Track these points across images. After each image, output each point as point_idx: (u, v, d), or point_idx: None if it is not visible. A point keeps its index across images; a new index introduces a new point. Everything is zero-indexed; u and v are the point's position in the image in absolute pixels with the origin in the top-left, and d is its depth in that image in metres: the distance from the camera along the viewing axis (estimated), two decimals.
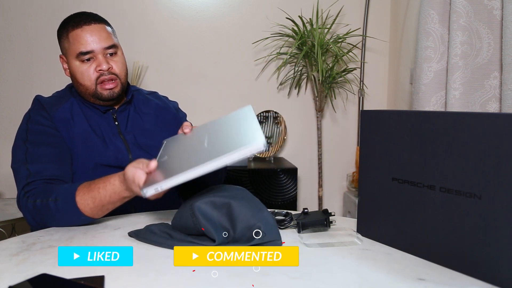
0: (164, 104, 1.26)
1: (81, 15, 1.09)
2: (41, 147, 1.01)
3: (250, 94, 2.23)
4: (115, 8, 2.09)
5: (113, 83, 1.09)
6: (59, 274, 0.65)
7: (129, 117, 1.17)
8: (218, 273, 0.68)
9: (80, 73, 1.07)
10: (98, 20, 1.10)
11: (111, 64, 1.09)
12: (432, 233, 0.72)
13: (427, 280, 0.65)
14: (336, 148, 2.32)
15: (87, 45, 1.05)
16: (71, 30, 1.07)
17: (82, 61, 1.06)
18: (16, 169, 0.99)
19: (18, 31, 2.10)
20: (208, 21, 2.17)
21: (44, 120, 1.06)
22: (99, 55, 1.07)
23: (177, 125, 1.24)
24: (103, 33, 1.08)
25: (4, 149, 2.10)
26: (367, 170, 0.84)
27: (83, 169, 1.05)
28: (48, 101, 1.10)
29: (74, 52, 1.06)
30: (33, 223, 0.95)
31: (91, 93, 1.09)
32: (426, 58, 1.60)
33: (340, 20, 2.19)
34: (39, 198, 0.92)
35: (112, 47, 1.09)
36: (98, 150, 1.07)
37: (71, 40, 1.06)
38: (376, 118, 0.82)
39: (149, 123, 1.18)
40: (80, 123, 1.09)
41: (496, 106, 1.45)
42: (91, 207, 0.89)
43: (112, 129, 1.13)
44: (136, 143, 1.13)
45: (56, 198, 0.91)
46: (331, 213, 0.93)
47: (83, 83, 1.08)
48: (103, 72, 1.07)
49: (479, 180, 0.64)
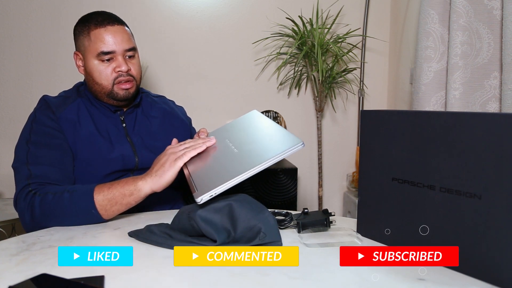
0: (171, 110, 1.27)
1: (103, 15, 1.11)
2: (43, 148, 1.00)
3: (250, 94, 2.23)
4: (115, 8, 2.08)
5: (130, 83, 1.10)
6: (59, 274, 0.65)
7: (136, 120, 1.17)
8: (218, 273, 0.68)
9: (98, 72, 1.08)
10: (120, 22, 1.12)
11: (130, 66, 1.10)
12: (432, 233, 0.72)
13: (427, 280, 0.65)
14: (336, 148, 2.32)
15: (109, 45, 1.06)
16: (94, 28, 1.07)
17: (101, 61, 1.07)
18: (17, 169, 0.99)
19: (18, 31, 2.10)
20: (208, 21, 2.17)
21: (50, 121, 1.05)
22: (119, 56, 1.08)
23: (184, 130, 1.25)
24: (125, 35, 1.10)
25: (4, 149, 2.10)
26: (367, 170, 0.84)
27: (87, 171, 1.05)
28: (54, 101, 1.10)
29: (95, 51, 1.06)
30: (30, 222, 0.92)
31: (107, 93, 1.09)
32: (426, 58, 1.60)
33: (340, 20, 2.19)
34: (52, 191, 0.91)
35: (132, 50, 1.11)
36: (103, 152, 1.07)
37: (93, 39, 1.07)
38: (376, 118, 0.82)
39: (156, 126, 1.18)
40: (86, 125, 1.08)
41: (496, 106, 1.45)
42: (105, 203, 0.90)
43: (119, 131, 1.12)
44: (143, 145, 1.13)
45: (73, 190, 0.91)
46: (331, 213, 0.93)
47: (100, 82, 1.08)
48: (121, 73, 1.08)
49: (479, 180, 0.64)
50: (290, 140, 0.85)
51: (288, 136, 0.88)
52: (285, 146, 0.83)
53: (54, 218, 0.90)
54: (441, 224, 0.70)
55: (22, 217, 0.94)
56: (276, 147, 0.85)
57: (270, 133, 0.96)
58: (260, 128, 1.01)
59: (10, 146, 1.07)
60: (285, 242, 0.83)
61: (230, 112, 2.23)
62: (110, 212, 0.91)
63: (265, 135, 0.96)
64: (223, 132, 1.04)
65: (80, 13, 1.10)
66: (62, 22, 2.08)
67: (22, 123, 1.08)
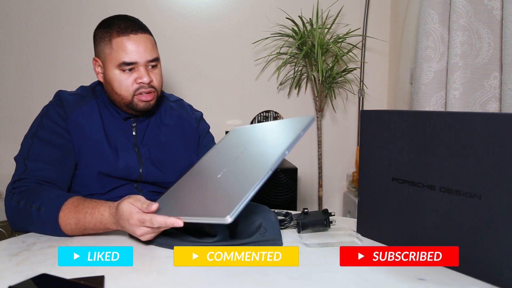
0: (187, 116, 1.22)
1: (126, 21, 1.05)
2: (46, 145, 1.00)
3: (250, 94, 2.23)
4: (115, 8, 2.08)
5: (150, 95, 1.05)
6: (59, 274, 0.65)
7: (147, 129, 1.13)
8: (218, 273, 0.68)
9: (118, 82, 1.03)
10: (144, 30, 1.06)
11: (152, 77, 1.05)
12: (432, 233, 0.72)
13: (427, 280, 0.65)
14: (336, 148, 2.32)
15: (132, 55, 1.01)
16: (116, 36, 1.02)
17: (122, 70, 1.02)
18: (17, 162, 0.99)
19: (18, 31, 2.10)
20: (208, 21, 2.17)
21: (59, 119, 1.04)
22: (141, 67, 1.03)
23: (195, 140, 1.21)
24: (148, 44, 1.04)
25: (4, 149, 2.10)
26: (367, 170, 0.84)
27: (88, 176, 1.04)
28: (69, 99, 1.07)
29: (116, 61, 1.02)
30: (13, 222, 0.93)
31: (126, 103, 1.05)
32: (426, 58, 1.60)
33: (340, 20, 2.19)
34: (23, 201, 0.89)
35: (155, 60, 1.06)
36: (108, 160, 1.05)
37: (115, 47, 1.02)
38: (376, 118, 0.82)
39: (165, 137, 1.15)
40: (95, 131, 1.06)
41: (496, 106, 1.45)
42: (72, 228, 0.86)
43: (128, 140, 1.10)
44: (149, 158, 1.10)
45: (40, 206, 0.88)
46: (331, 213, 0.93)
47: (120, 93, 1.04)
48: (143, 85, 1.04)
49: (479, 180, 0.64)
50: (298, 121, 0.78)
51: (293, 120, 0.81)
52: (297, 128, 0.76)
53: (26, 226, 0.91)
54: (441, 224, 0.70)
55: (6, 212, 0.94)
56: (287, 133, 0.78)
57: (273, 128, 0.88)
58: (257, 132, 0.93)
59: (10, 146, 1.07)
60: (285, 242, 0.83)
61: (230, 112, 2.23)
62: (80, 235, 0.88)
63: (269, 131, 0.89)
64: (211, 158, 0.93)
65: (80, 13, 1.08)
66: (62, 22, 2.08)
67: (22, 123, 1.08)
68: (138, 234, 0.78)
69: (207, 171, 0.87)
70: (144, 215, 0.76)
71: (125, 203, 0.79)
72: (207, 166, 0.89)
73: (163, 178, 1.11)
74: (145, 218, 0.76)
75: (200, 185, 0.83)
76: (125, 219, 0.78)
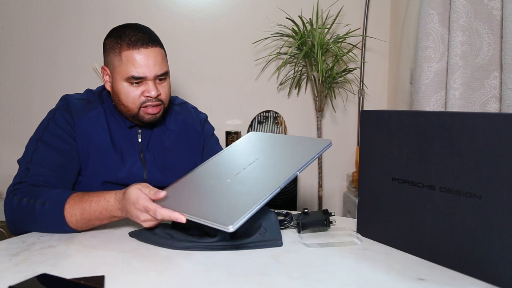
0: (192, 119, 1.22)
1: (137, 32, 1.03)
2: (50, 150, 1.00)
3: (250, 94, 2.23)
4: (115, 8, 2.09)
5: (157, 108, 1.05)
6: (59, 274, 0.65)
7: (152, 134, 1.13)
8: (218, 273, 0.68)
9: (126, 94, 1.03)
10: (155, 42, 1.04)
11: (160, 91, 1.04)
12: (432, 233, 0.72)
13: (427, 280, 0.65)
14: (336, 148, 2.32)
15: (141, 70, 1.00)
16: (126, 49, 1.01)
17: (130, 83, 1.02)
18: (19, 165, 0.99)
19: (18, 31, 2.10)
20: (208, 21, 2.17)
21: (66, 124, 1.03)
22: (150, 81, 1.02)
23: (200, 144, 1.21)
24: (158, 58, 1.03)
25: (4, 149, 2.10)
26: (367, 170, 0.84)
27: (93, 184, 1.04)
28: (76, 104, 1.07)
29: (125, 74, 1.01)
30: (12, 224, 0.92)
31: (132, 115, 1.05)
32: (426, 58, 1.60)
33: (340, 20, 2.19)
34: (26, 198, 0.90)
35: (164, 74, 1.05)
36: (113, 167, 1.05)
37: (124, 60, 1.01)
38: (376, 118, 0.82)
39: (170, 142, 1.15)
40: (102, 138, 1.06)
41: (496, 106, 1.45)
42: (77, 219, 0.87)
43: (133, 146, 1.10)
44: (154, 163, 1.11)
45: (44, 201, 0.88)
46: (331, 213, 0.93)
47: (126, 104, 1.04)
48: (150, 98, 1.03)
49: (479, 180, 0.64)
50: (316, 143, 0.85)
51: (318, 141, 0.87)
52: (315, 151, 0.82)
53: (28, 225, 0.90)
54: (441, 224, 0.70)
55: (5, 216, 0.93)
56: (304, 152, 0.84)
57: (290, 144, 0.93)
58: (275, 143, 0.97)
59: (10, 146, 1.07)
60: (285, 242, 0.83)
61: (230, 112, 2.23)
62: (85, 227, 0.89)
63: (285, 146, 0.93)
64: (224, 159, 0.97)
65: (80, 13, 1.07)
66: (62, 22, 2.08)
67: (22, 123, 1.08)
68: (141, 219, 0.81)
69: (218, 172, 0.89)
70: (150, 204, 0.79)
71: (133, 188, 0.82)
72: (220, 166, 0.92)
73: (167, 182, 1.11)
74: (150, 207, 0.79)
75: (209, 185, 0.86)
76: (132, 202, 0.81)
